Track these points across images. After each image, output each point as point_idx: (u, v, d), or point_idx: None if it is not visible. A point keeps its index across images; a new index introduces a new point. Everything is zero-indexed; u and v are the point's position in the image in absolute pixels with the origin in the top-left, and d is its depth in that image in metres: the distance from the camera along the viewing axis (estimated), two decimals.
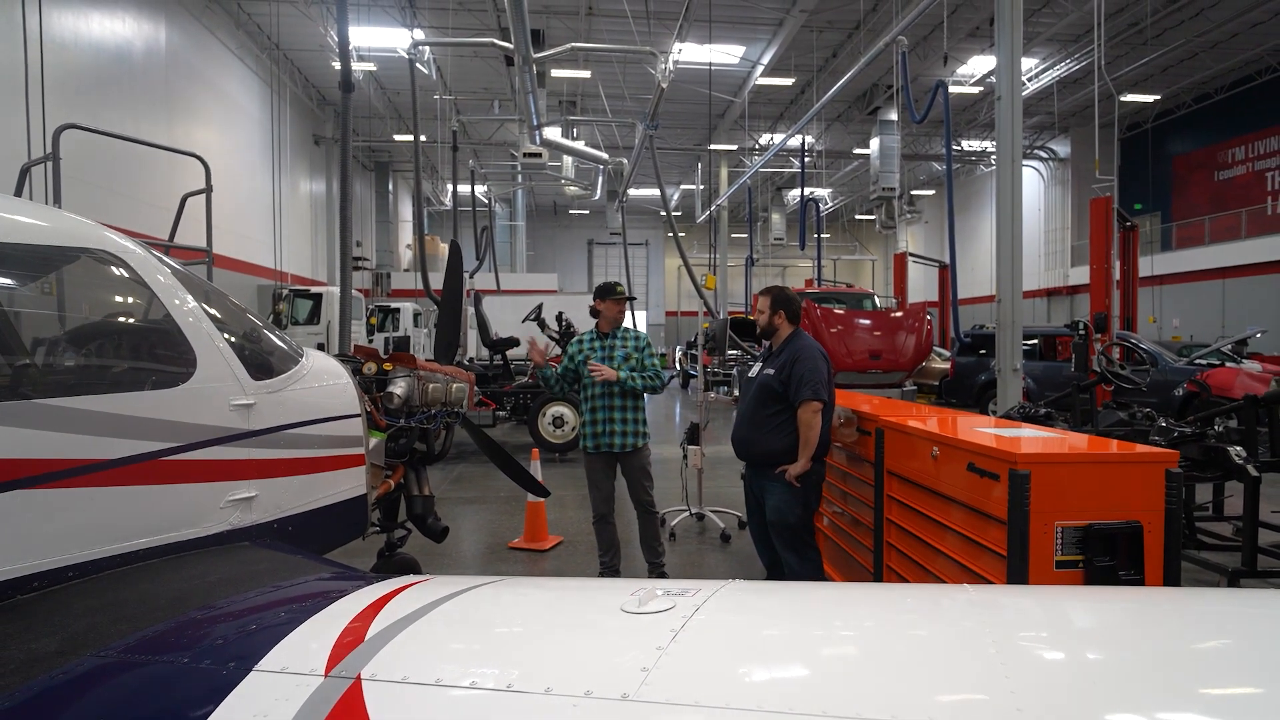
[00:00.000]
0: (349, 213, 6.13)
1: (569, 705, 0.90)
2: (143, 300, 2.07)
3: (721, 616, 1.15)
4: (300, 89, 19.19)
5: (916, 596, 1.44)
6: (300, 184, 19.33)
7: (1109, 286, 9.62)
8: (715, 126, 23.76)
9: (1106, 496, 2.15)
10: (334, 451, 2.70)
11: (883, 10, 16.17)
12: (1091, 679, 0.93)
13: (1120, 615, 1.27)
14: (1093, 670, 0.96)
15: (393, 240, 26.40)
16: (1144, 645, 1.08)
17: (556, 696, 0.92)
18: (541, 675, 0.97)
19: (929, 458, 2.76)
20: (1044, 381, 11.32)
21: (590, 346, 4.07)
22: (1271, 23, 17.76)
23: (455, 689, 0.97)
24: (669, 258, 37.05)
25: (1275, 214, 20.50)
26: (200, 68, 14.32)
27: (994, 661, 0.93)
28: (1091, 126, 25.00)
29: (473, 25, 16.50)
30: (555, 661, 1.05)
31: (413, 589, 1.46)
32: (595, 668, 1.01)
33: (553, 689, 0.93)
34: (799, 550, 3.45)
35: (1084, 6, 16.10)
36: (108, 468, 1.88)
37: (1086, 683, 0.92)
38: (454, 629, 1.25)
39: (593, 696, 0.91)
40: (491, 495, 6.85)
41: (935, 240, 31.55)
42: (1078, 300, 24.43)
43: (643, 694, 0.90)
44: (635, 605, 1.19)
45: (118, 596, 1.65)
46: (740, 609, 1.20)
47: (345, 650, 1.13)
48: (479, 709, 0.95)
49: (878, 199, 21.19)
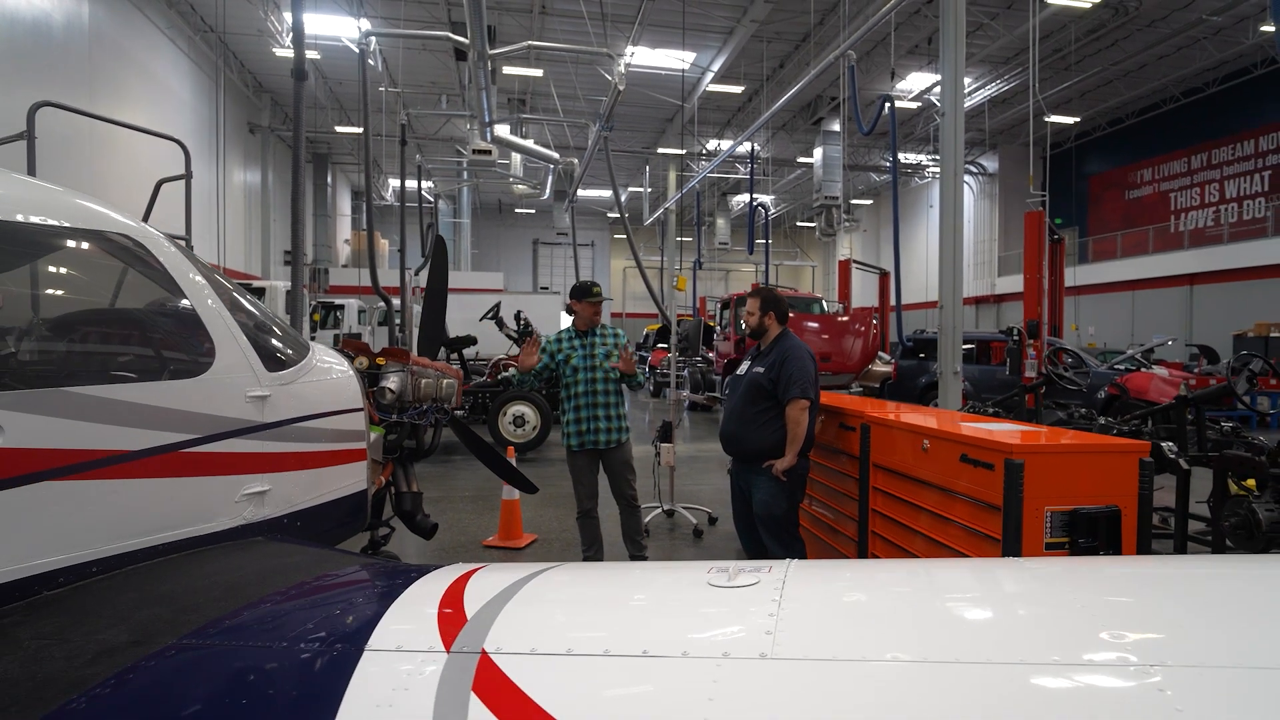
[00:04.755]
0: (300, 205, 5.90)
1: (712, 666, 0.96)
2: (164, 286, 2.01)
3: (809, 589, 1.23)
4: (236, 74, 18.37)
5: (972, 569, 1.57)
6: (235, 174, 18.49)
7: (1041, 295, 10.22)
8: (664, 130, 24.03)
9: (1089, 483, 2.35)
10: (340, 446, 2.66)
11: (829, 24, 16.73)
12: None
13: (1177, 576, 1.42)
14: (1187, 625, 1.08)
15: (331, 235, 25.55)
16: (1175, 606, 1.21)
17: (696, 660, 0.98)
18: (672, 641, 1.03)
19: (915, 451, 2.93)
20: (980, 384, 11.95)
21: (571, 345, 4.10)
22: (1175, 56, 19.28)
23: (591, 657, 1.02)
24: (615, 259, 37.16)
25: (1178, 232, 22.22)
26: (127, 47, 13.54)
27: (1083, 613, 1.06)
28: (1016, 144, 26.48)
29: (421, 17, 16.19)
30: (677, 629, 1.11)
31: (481, 573, 1.49)
32: (719, 633, 1.08)
33: (689, 653, 0.99)
34: (784, 542, 3.58)
35: (1014, 31, 17.08)
36: (132, 459, 1.83)
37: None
38: (554, 606, 1.29)
39: (732, 658, 0.97)
40: (456, 494, 6.76)
41: (872, 248, 32.75)
42: (1004, 308, 25.82)
43: (778, 652, 0.97)
44: (724, 580, 1.26)
45: (162, 590, 1.61)
46: (824, 581, 1.29)
47: (454, 628, 1.16)
48: (622, 674, 1.00)
49: (820, 207, 21.90)
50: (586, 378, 4.01)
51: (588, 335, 4.11)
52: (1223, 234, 20.80)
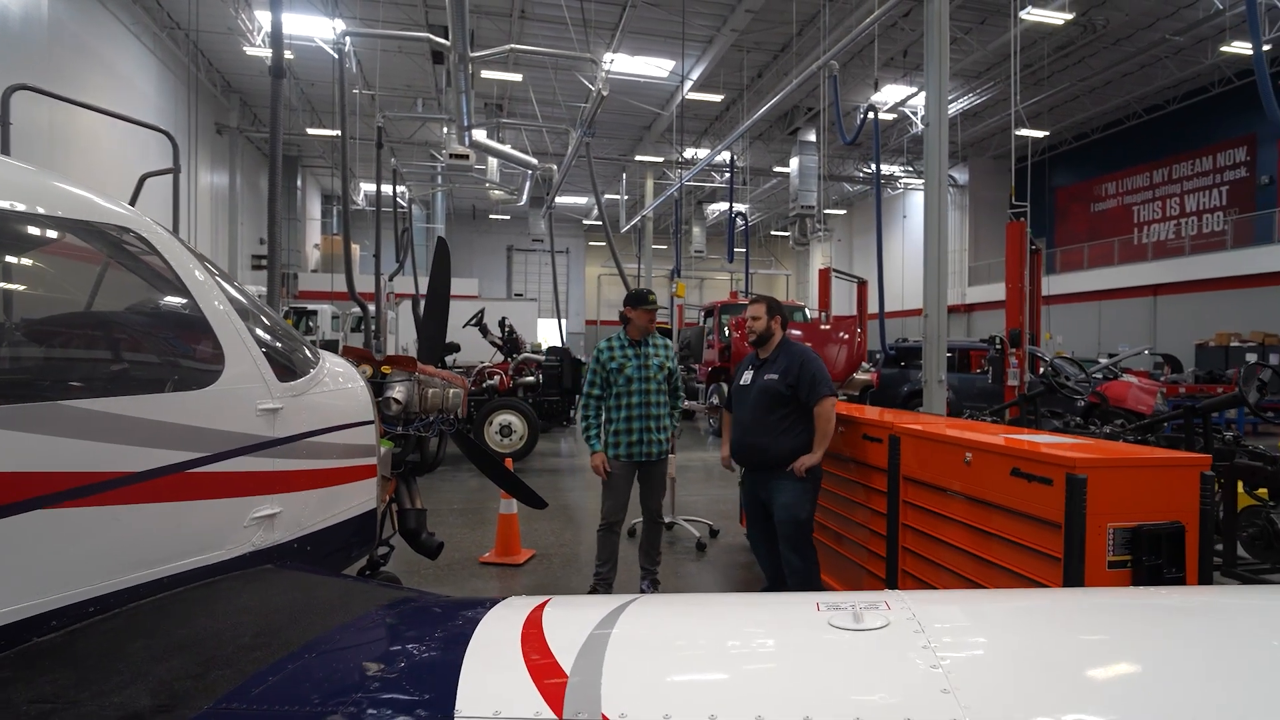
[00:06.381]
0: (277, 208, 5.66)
1: None
2: (167, 285, 1.80)
3: (952, 627, 1.09)
4: (204, 73, 17.81)
5: (1121, 598, 1.44)
6: (203, 176, 17.90)
7: (1022, 304, 10.32)
8: (641, 138, 23.98)
9: (1150, 499, 2.26)
10: (351, 462, 2.46)
11: (808, 35, 16.85)
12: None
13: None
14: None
15: (300, 239, 24.94)
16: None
17: None
18: (836, 705, 0.87)
19: (954, 464, 2.82)
20: (960, 392, 12.04)
21: (625, 354, 3.97)
22: (1139, 74, 19.87)
23: None
24: (590, 266, 36.97)
25: (1141, 244, 22.85)
26: (89, 42, 13.00)
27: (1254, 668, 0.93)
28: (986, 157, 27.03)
29: (397, 19, 15.89)
30: (833, 688, 0.95)
31: (551, 610, 1.31)
32: (887, 694, 0.92)
33: (863, 719, 0.84)
34: (802, 551, 3.47)
35: (988, 46, 17.42)
36: (132, 482, 1.61)
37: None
38: (667, 655, 1.12)
39: None
40: (445, 507, 6.51)
41: (844, 257, 33.11)
42: (975, 318, 26.25)
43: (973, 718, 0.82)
44: (849, 621, 1.11)
45: (179, 635, 1.39)
46: (966, 618, 1.15)
47: (556, 685, 0.98)
48: None
49: (796, 216, 22.04)
50: (641, 389, 3.91)
51: (642, 345, 4.00)
52: (1184, 246, 21.45)
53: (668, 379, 4.04)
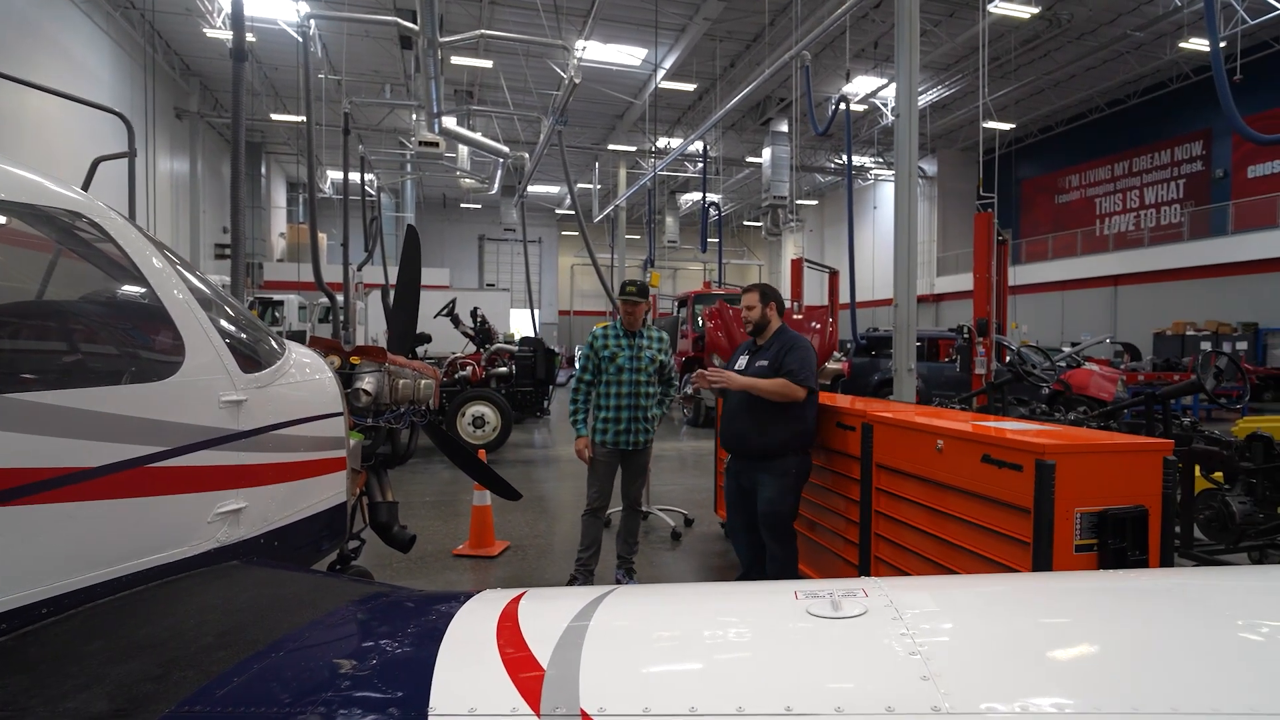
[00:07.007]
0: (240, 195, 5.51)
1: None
2: (123, 273, 1.72)
3: (929, 613, 1.09)
4: (162, 56, 17.23)
5: (1092, 580, 1.46)
6: (161, 162, 17.34)
7: (989, 294, 10.50)
8: (614, 127, 23.83)
9: (1116, 484, 2.31)
10: (319, 454, 2.40)
11: (780, 25, 16.87)
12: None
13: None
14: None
15: (265, 228, 24.35)
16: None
17: (849, 717, 0.83)
18: (818, 695, 0.87)
19: (926, 451, 2.86)
20: (929, 380, 12.24)
21: (618, 343, 4.00)
22: (1101, 68, 20.28)
23: (725, 717, 0.85)
24: (563, 256, 36.75)
25: (1103, 235, 23.40)
26: (37, 20, 12.47)
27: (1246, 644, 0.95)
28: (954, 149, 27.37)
29: (364, 2, 15.53)
30: (815, 678, 0.95)
31: (526, 602, 1.29)
32: (867, 682, 0.92)
33: (843, 708, 0.84)
34: (784, 541, 3.49)
35: (956, 39, 17.62)
36: (89, 477, 1.55)
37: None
38: (646, 647, 1.11)
39: (896, 713, 0.82)
40: (416, 499, 6.43)
41: (815, 247, 33.35)
42: (943, 307, 26.68)
43: (953, 705, 0.82)
44: (828, 609, 1.11)
45: (139, 635, 1.34)
46: (941, 604, 1.15)
47: (532, 682, 0.96)
48: None
49: (769, 206, 22.14)
50: (631, 379, 3.95)
51: (636, 336, 4.03)
52: (1143, 238, 22.02)
53: (659, 370, 4.09)
